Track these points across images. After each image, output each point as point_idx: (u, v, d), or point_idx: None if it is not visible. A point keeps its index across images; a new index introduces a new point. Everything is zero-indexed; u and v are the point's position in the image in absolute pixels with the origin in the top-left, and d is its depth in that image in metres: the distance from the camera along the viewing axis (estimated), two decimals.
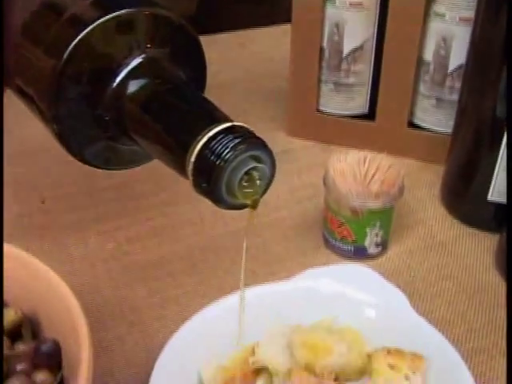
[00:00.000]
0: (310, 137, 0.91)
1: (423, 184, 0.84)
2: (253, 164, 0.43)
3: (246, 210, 0.46)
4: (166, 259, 0.71)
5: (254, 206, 0.45)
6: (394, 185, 0.68)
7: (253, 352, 0.57)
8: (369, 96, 0.87)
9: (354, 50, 0.84)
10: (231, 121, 0.43)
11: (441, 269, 0.71)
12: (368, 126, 0.88)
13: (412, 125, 0.87)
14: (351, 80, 0.86)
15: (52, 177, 0.82)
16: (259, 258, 0.71)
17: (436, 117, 0.84)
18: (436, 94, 0.83)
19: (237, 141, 0.41)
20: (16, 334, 0.51)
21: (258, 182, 0.44)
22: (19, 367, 0.47)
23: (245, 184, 0.43)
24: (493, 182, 0.72)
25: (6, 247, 0.52)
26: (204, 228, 0.75)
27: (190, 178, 0.43)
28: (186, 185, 0.44)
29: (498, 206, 0.73)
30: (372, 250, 0.70)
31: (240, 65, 1.12)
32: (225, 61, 1.10)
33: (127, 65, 0.49)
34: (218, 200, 0.43)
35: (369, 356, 0.57)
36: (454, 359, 0.55)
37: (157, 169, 0.52)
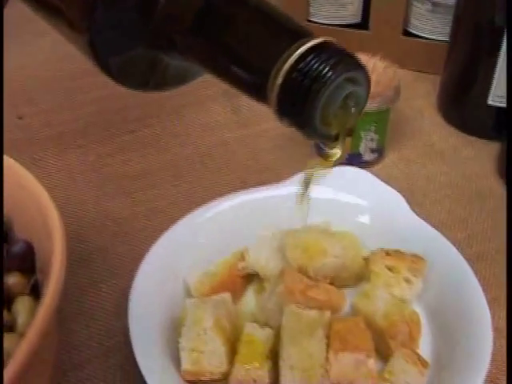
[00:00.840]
0: None
1: (419, 94, 0.80)
2: (350, 87, 0.36)
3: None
4: (151, 170, 0.67)
5: (350, 133, 0.39)
6: (389, 86, 0.64)
7: (242, 257, 0.54)
8: (361, 3, 0.83)
9: None
10: (314, 35, 0.36)
11: (440, 177, 0.68)
12: (361, 35, 0.83)
13: (407, 33, 0.82)
14: None
15: (29, 94, 0.78)
16: (249, 167, 0.67)
17: (432, 23, 0.80)
18: None
19: (333, 60, 0.34)
20: None
21: (353, 107, 0.37)
22: None
23: (340, 110, 0.36)
24: (493, 86, 0.69)
25: None
26: (189, 138, 0.71)
27: (275, 103, 0.36)
28: (170, 97, 0.38)
29: (498, 110, 0.70)
30: (367, 156, 0.67)
31: None
32: None
33: None
34: (310, 130, 0.36)
35: (366, 260, 0.54)
36: (457, 261, 0.52)
37: None
